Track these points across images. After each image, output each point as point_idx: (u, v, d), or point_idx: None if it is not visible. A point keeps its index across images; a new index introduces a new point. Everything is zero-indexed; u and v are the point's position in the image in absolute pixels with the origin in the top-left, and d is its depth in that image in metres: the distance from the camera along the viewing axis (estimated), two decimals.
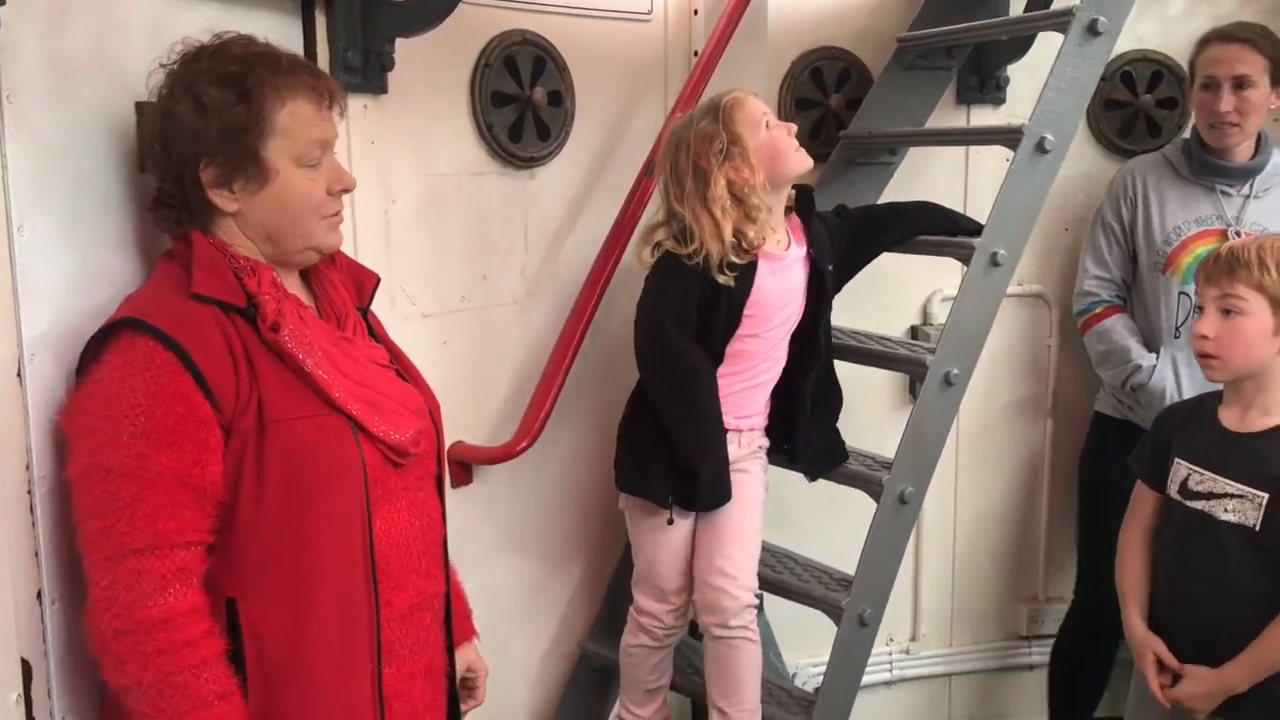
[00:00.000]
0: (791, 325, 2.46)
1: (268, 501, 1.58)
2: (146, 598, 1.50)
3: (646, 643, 2.56)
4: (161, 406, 1.51)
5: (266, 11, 2.07)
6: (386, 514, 1.69)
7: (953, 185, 3.21)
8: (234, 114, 1.59)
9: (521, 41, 2.59)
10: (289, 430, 1.59)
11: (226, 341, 1.58)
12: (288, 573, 1.60)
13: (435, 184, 2.49)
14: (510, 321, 2.70)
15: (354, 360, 1.72)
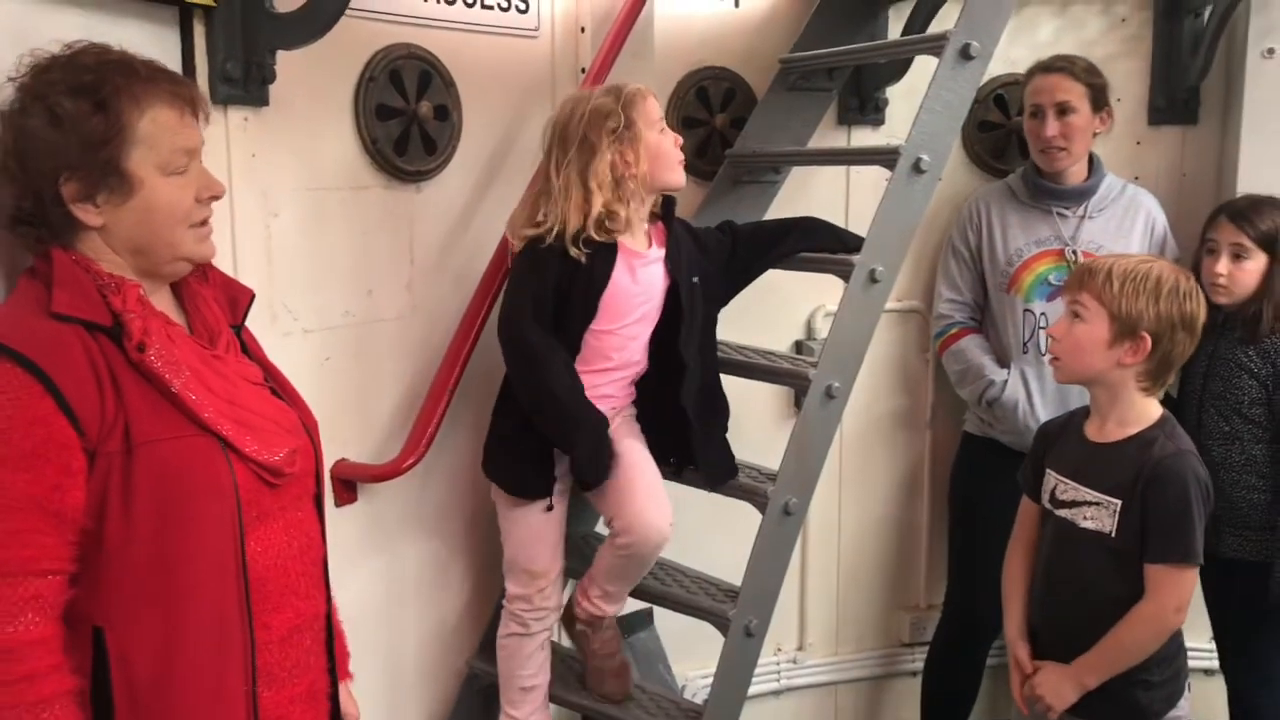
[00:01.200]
0: (648, 326, 2.49)
1: (136, 525, 1.53)
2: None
3: (516, 630, 2.57)
4: (19, 431, 1.45)
5: (140, 21, 2.02)
6: (262, 535, 1.66)
7: (834, 203, 3.28)
8: (91, 125, 1.54)
9: (407, 55, 2.57)
10: (157, 451, 1.54)
11: (91, 362, 1.52)
12: (157, 597, 1.55)
13: (318, 198, 2.45)
14: (395, 337, 2.67)
15: (225, 379, 1.68)
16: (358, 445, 2.58)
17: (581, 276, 2.37)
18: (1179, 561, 2.14)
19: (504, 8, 2.78)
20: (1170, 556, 2.14)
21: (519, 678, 2.61)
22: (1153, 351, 2.18)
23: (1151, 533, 2.15)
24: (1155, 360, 2.19)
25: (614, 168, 2.36)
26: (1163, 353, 2.19)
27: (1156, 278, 2.18)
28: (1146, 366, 2.20)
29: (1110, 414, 2.26)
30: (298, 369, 2.15)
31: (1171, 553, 2.14)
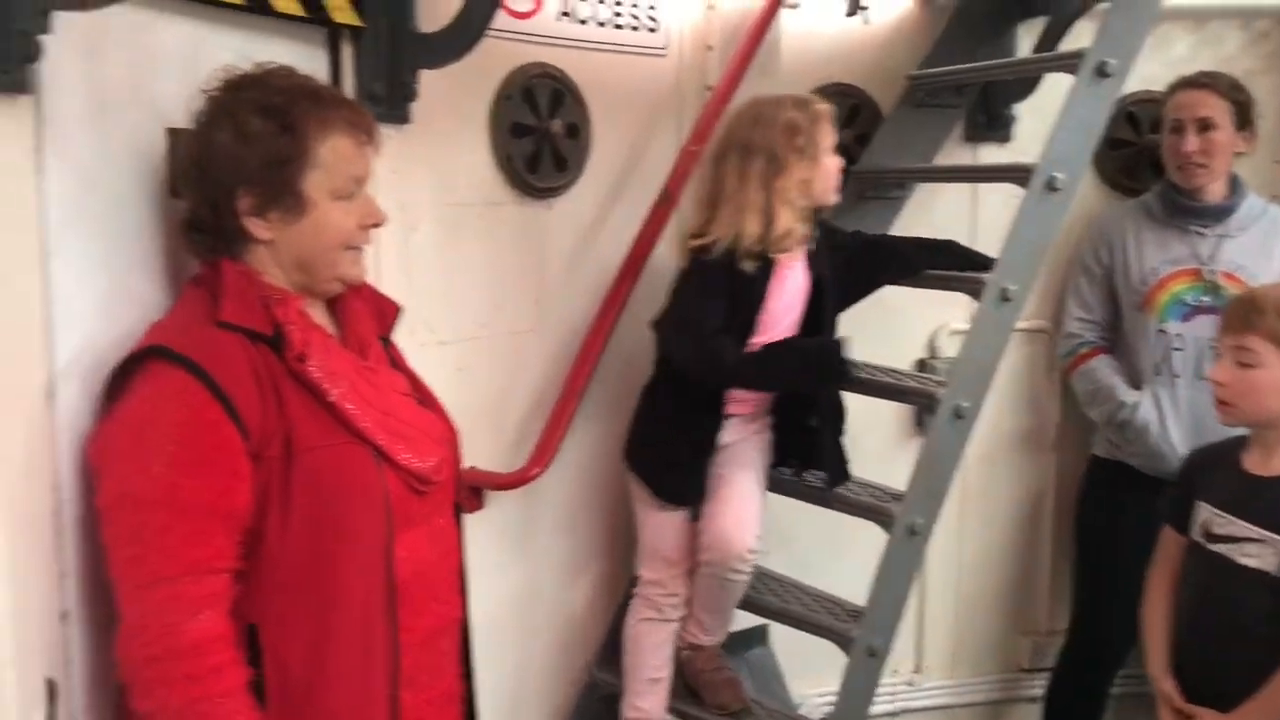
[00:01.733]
0: (791, 332, 2.51)
1: (292, 528, 1.59)
2: (179, 625, 1.51)
3: (649, 615, 2.58)
4: (191, 436, 1.52)
5: (294, 41, 2.11)
6: (407, 541, 1.71)
7: (959, 221, 3.24)
8: (276, 145, 1.61)
9: (541, 74, 2.63)
10: (314, 459, 1.61)
11: (254, 370, 1.59)
12: (309, 599, 1.62)
13: (454, 213, 2.52)
14: (525, 348, 2.73)
15: (377, 390, 1.74)
16: (487, 454, 2.64)
17: (743, 290, 2.39)
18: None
19: (634, 27, 2.82)
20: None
21: (647, 668, 2.61)
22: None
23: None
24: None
25: (800, 187, 2.37)
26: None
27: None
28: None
29: (1278, 447, 2.17)
30: (433, 379, 2.20)
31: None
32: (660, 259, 2.85)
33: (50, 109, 1.58)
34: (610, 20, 2.77)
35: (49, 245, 1.58)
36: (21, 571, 1.53)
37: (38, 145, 1.56)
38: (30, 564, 1.56)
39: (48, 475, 1.60)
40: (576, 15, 2.70)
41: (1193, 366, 2.98)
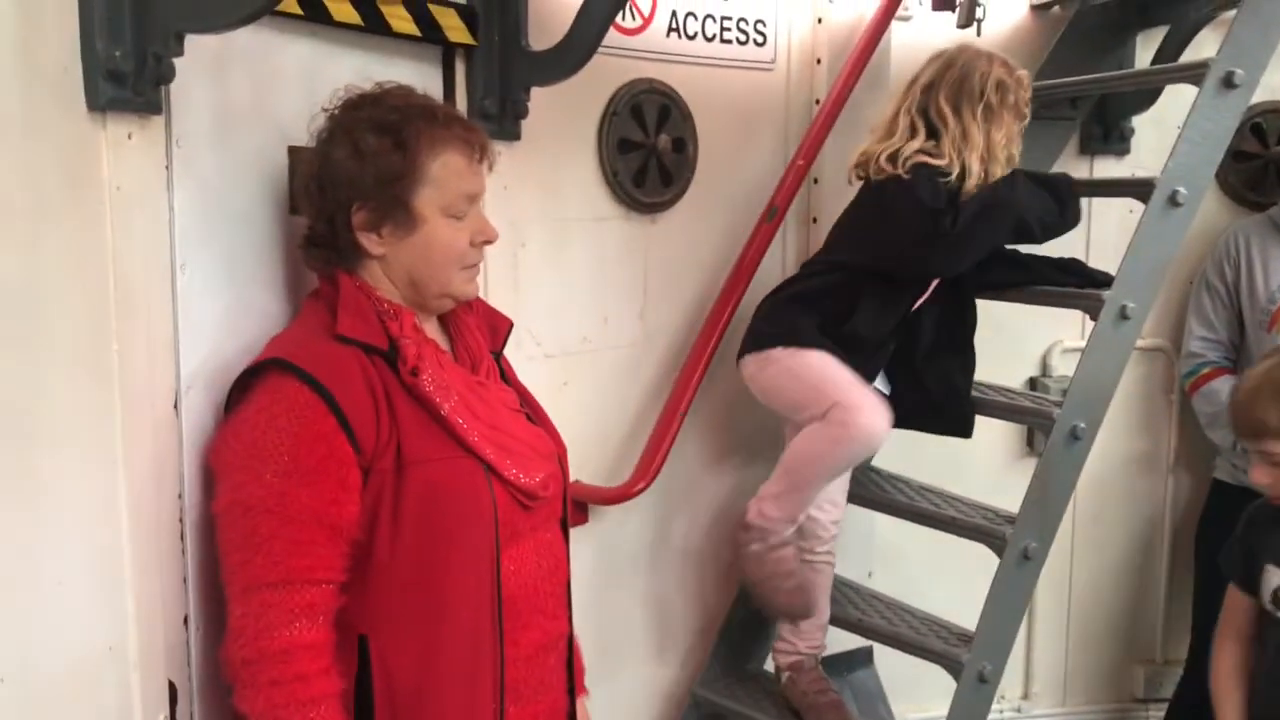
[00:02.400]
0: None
1: (402, 540, 1.61)
2: (272, 629, 1.54)
3: (854, 447, 2.48)
4: (304, 447, 1.55)
5: (409, 60, 2.15)
6: (515, 555, 1.72)
7: (1074, 234, 3.15)
8: (389, 161, 1.64)
9: (648, 90, 2.64)
10: (425, 472, 1.63)
11: (369, 383, 1.62)
12: (418, 610, 1.63)
13: (562, 228, 2.54)
14: (629, 364, 2.73)
15: (488, 404, 1.75)
16: (592, 468, 2.65)
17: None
18: None
19: (742, 41, 2.82)
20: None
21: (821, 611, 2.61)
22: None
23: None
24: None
25: (1006, 146, 2.42)
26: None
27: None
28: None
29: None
30: (538, 392, 2.21)
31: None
32: (766, 274, 2.83)
33: (180, 128, 1.64)
34: (718, 35, 2.77)
35: (177, 259, 1.64)
36: (146, 577, 1.59)
37: (168, 163, 1.61)
38: (155, 569, 1.61)
39: (173, 483, 1.65)
40: (685, 31, 2.70)
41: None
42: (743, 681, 2.88)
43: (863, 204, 2.53)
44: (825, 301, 2.48)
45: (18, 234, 1.37)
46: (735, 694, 2.82)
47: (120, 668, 1.56)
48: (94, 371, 1.49)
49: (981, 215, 2.39)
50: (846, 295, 2.47)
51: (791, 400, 2.51)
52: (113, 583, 1.54)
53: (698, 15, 2.72)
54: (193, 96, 1.66)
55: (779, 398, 2.54)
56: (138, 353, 1.55)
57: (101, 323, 1.50)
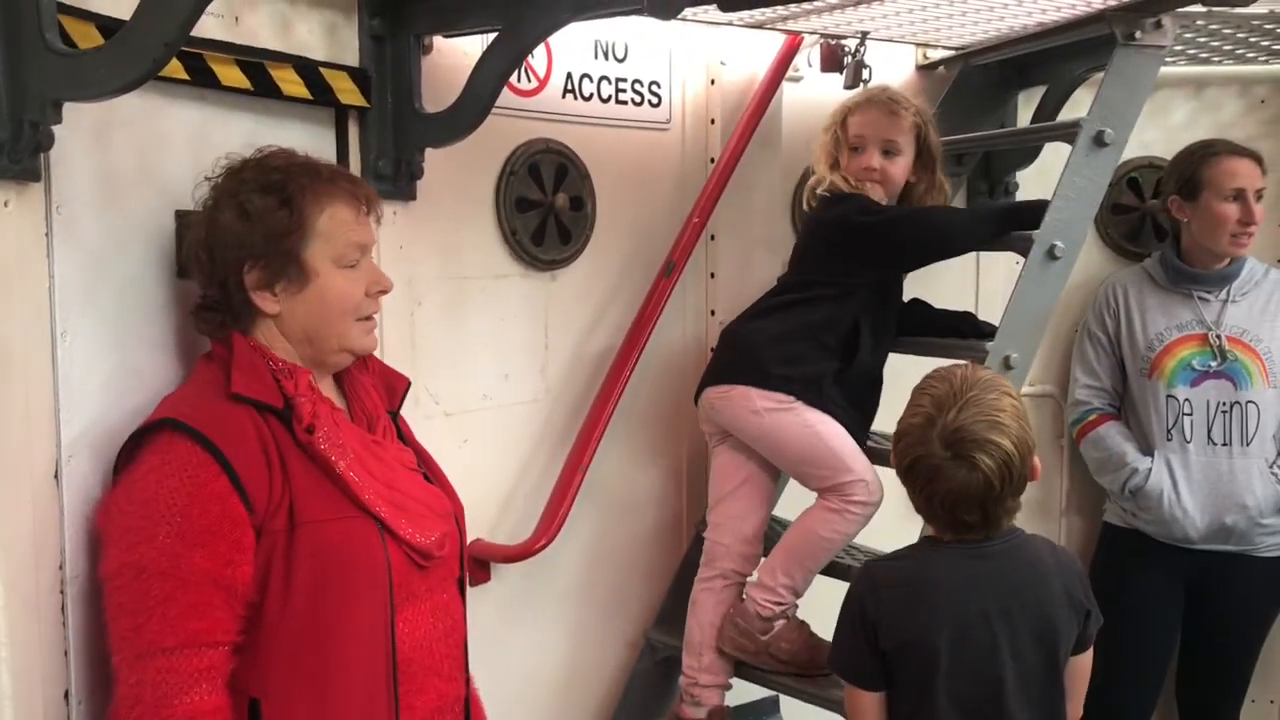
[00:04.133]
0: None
1: (294, 601, 1.60)
2: (173, 696, 1.52)
3: (863, 518, 2.50)
4: (197, 506, 1.54)
5: (301, 123, 2.15)
6: (410, 616, 1.71)
7: (963, 289, 3.26)
8: (276, 218, 1.66)
9: (545, 150, 2.67)
10: (318, 532, 1.62)
11: (261, 443, 1.61)
12: (311, 673, 1.62)
13: (460, 286, 2.55)
14: (531, 419, 2.73)
15: (383, 463, 1.75)
16: (493, 526, 2.64)
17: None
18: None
19: (637, 102, 2.87)
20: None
21: (821, 565, 2.56)
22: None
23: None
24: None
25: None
26: None
27: (916, 407, 1.96)
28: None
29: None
30: (438, 451, 2.21)
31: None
32: (666, 328, 2.87)
33: (60, 194, 1.62)
34: (614, 96, 2.82)
35: (58, 326, 1.62)
36: (24, 651, 1.55)
37: (48, 229, 1.60)
38: (34, 643, 1.57)
39: (54, 554, 1.62)
40: (581, 92, 2.75)
41: (1203, 431, 2.98)
42: None
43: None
44: (826, 336, 2.54)
45: None
46: None
47: None
48: None
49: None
50: (844, 324, 2.54)
51: (800, 455, 2.53)
52: None
53: (593, 77, 2.77)
54: (74, 162, 1.65)
55: (783, 447, 2.54)
56: (14, 422, 1.53)
57: None
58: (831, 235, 2.59)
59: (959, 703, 1.89)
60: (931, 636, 1.88)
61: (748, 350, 2.57)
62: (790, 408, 2.50)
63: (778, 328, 2.56)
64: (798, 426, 2.50)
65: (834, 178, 2.60)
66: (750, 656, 2.60)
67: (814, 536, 2.53)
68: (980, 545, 1.93)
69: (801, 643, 2.58)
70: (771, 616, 2.57)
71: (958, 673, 1.88)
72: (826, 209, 2.61)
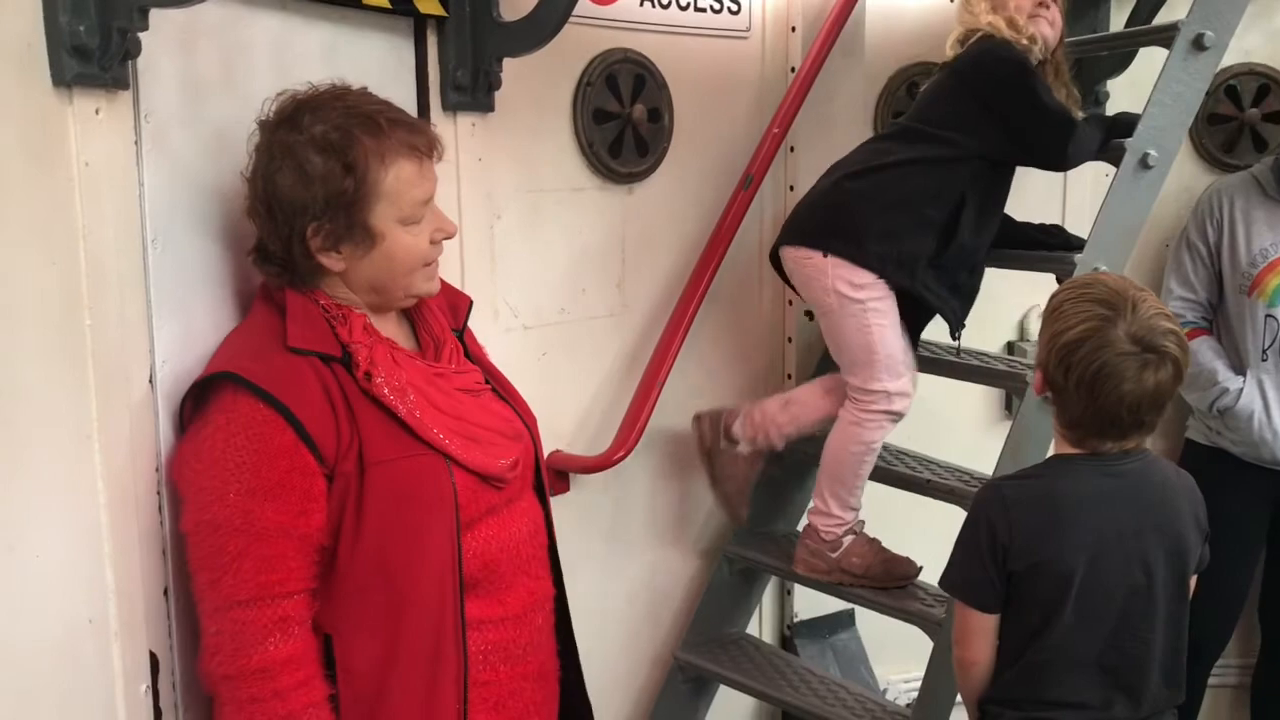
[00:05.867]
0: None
1: (364, 539, 1.62)
2: (249, 647, 1.57)
3: (888, 426, 2.52)
4: (266, 463, 1.56)
5: (380, 32, 2.14)
6: (487, 529, 1.72)
7: (1050, 200, 3.17)
8: (340, 185, 1.62)
9: (623, 60, 2.64)
10: (387, 471, 1.63)
11: (325, 390, 1.62)
12: (378, 608, 1.64)
13: (537, 199, 2.55)
14: (607, 333, 2.75)
15: (449, 395, 1.75)
16: (571, 438, 2.67)
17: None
18: None
19: (716, 10, 2.82)
20: None
21: (864, 477, 2.58)
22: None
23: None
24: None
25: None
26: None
27: (1076, 317, 1.85)
28: None
29: None
30: (517, 364, 2.25)
31: None
32: (743, 242, 2.85)
33: (148, 103, 1.64)
34: (693, 3, 2.77)
35: (148, 234, 1.64)
36: (125, 549, 1.60)
37: (137, 138, 1.62)
38: (134, 542, 1.62)
39: (150, 456, 1.66)
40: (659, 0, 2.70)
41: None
42: (725, 645, 2.91)
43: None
44: (929, 209, 2.43)
45: None
46: (718, 658, 2.85)
47: (101, 640, 1.58)
48: (67, 347, 1.50)
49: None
50: (950, 196, 2.43)
51: (844, 348, 2.51)
52: (92, 556, 1.56)
53: None
54: (160, 71, 1.66)
55: (836, 336, 2.52)
56: (109, 327, 1.56)
57: (73, 298, 1.51)
58: (980, 79, 2.44)
59: (1088, 623, 1.85)
60: (1068, 556, 1.84)
61: (844, 214, 2.47)
62: (860, 301, 2.44)
63: (878, 194, 2.45)
64: (857, 324, 2.46)
65: (995, 19, 2.44)
66: (823, 575, 2.63)
67: (843, 453, 2.54)
68: (1116, 462, 1.88)
69: (873, 557, 2.59)
70: (834, 538, 2.59)
71: (1090, 592, 1.85)
72: (983, 51, 2.44)
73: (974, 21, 2.48)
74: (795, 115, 2.84)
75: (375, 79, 1.84)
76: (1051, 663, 1.88)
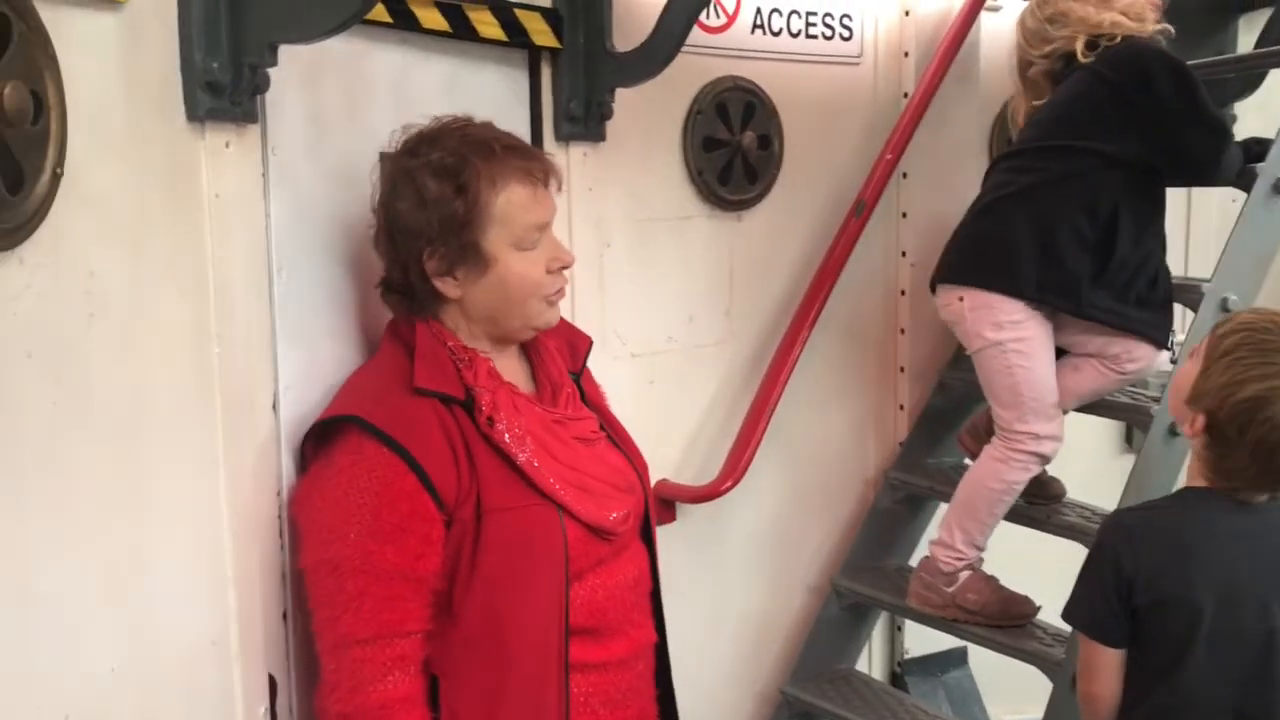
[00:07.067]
0: None
1: (476, 585, 1.63)
2: (368, 684, 1.58)
3: (1034, 468, 2.46)
4: (387, 506, 1.58)
5: (495, 65, 2.17)
6: (589, 583, 1.72)
7: (1173, 229, 3.06)
8: (452, 207, 1.64)
9: (733, 88, 2.63)
10: (503, 519, 1.64)
11: (447, 436, 1.63)
12: (485, 656, 1.65)
13: (646, 227, 2.55)
14: (715, 361, 2.73)
15: (565, 444, 1.75)
16: (678, 466, 2.66)
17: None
18: None
19: (827, 36, 2.79)
20: None
21: (998, 516, 2.51)
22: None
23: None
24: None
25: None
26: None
27: (1264, 369, 1.73)
28: None
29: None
30: (624, 391, 2.25)
31: None
32: (854, 271, 2.81)
33: (275, 136, 1.68)
34: (804, 30, 2.75)
35: (274, 263, 1.69)
36: (247, 573, 1.64)
37: (264, 170, 1.66)
38: (255, 566, 1.66)
39: (272, 481, 1.70)
40: (770, 27, 2.69)
41: None
42: (833, 681, 2.86)
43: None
44: (1082, 225, 2.31)
45: (123, 241, 1.42)
46: (826, 693, 2.80)
47: (223, 661, 1.61)
48: (196, 373, 1.55)
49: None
50: (1103, 210, 2.31)
51: (990, 388, 2.46)
52: (215, 579, 1.60)
53: (783, 11, 2.70)
54: (287, 105, 1.71)
55: (983, 375, 2.47)
56: (237, 354, 1.60)
57: (202, 326, 1.56)
58: (1133, 83, 2.28)
59: (1221, 666, 1.77)
60: (1197, 592, 1.76)
61: (988, 246, 2.40)
62: (1000, 343, 2.38)
63: (1022, 218, 2.35)
64: (1002, 366, 2.40)
65: (1113, 15, 2.32)
66: (938, 609, 2.56)
67: (982, 488, 2.48)
68: (1250, 500, 1.80)
69: (990, 594, 2.51)
70: (953, 571, 2.52)
71: (1222, 632, 1.76)
72: (1137, 53, 2.31)
73: (1094, 19, 2.34)
74: (908, 141, 2.79)
75: (491, 110, 1.87)
76: (1184, 707, 1.80)
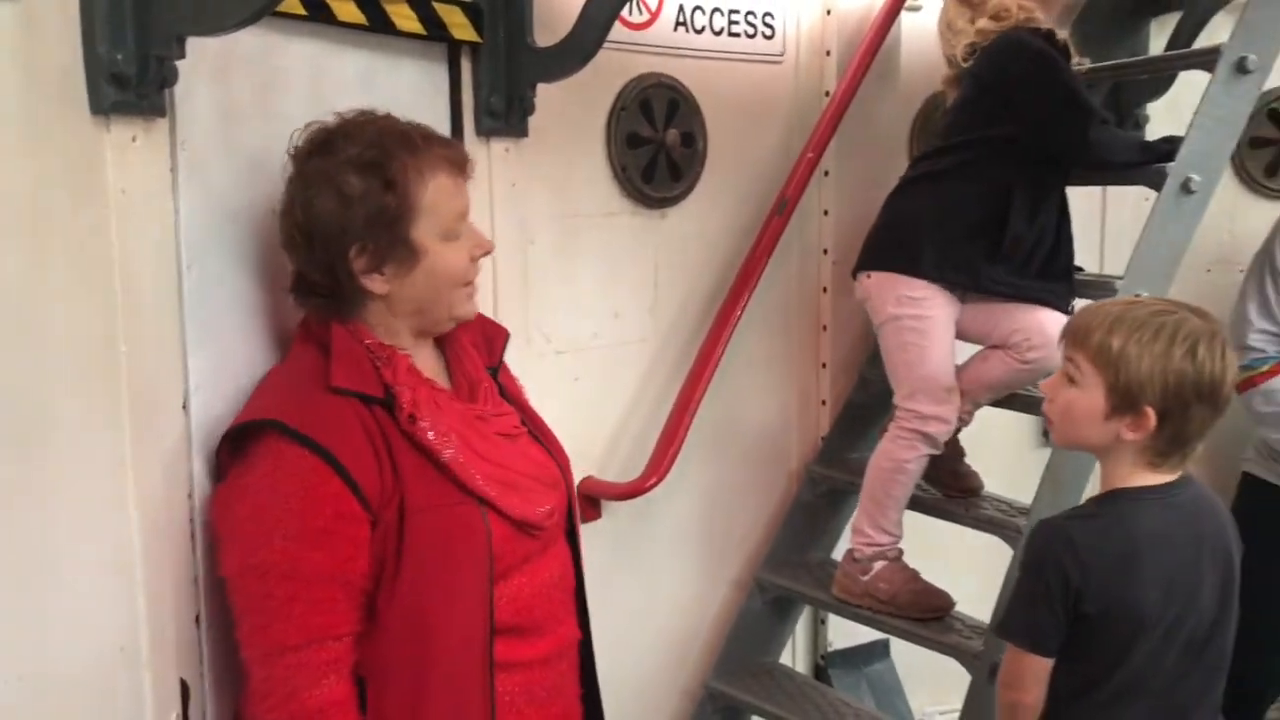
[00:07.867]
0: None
1: (400, 586, 1.60)
2: (303, 690, 1.55)
3: (927, 451, 2.50)
4: (312, 509, 1.55)
5: (414, 59, 2.14)
6: (523, 577, 1.71)
7: (1089, 226, 3.14)
8: (381, 202, 1.61)
9: (656, 85, 2.63)
10: (427, 519, 1.62)
11: (369, 436, 1.60)
12: (409, 654, 1.63)
13: (570, 224, 2.54)
14: (640, 358, 2.73)
15: (488, 440, 1.73)
16: (603, 464, 2.65)
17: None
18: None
19: (750, 34, 2.81)
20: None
21: (905, 497, 2.55)
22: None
23: None
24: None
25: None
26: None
27: (1169, 336, 1.76)
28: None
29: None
30: (549, 388, 2.25)
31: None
32: (777, 267, 2.83)
33: (184, 131, 1.64)
34: (726, 28, 2.76)
35: (184, 260, 1.65)
36: (157, 576, 1.60)
37: (173, 165, 1.62)
38: (166, 569, 1.62)
39: (183, 482, 1.66)
40: (693, 24, 2.70)
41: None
42: (757, 675, 2.88)
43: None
44: (974, 211, 2.42)
45: (23, 237, 1.38)
46: (750, 687, 2.83)
47: (132, 667, 1.57)
48: (102, 372, 1.51)
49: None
50: (994, 193, 2.41)
51: (888, 363, 2.55)
52: (124, 582, 1.56)
53: (705, 9, 2.71)
54: (197, 99, 1.67)
55: (884, 350, 2.56)
56: (146, 353, 1.56)
57: (109, 324, 1.51)
58: (994, 72, 2.42)
59: (1159, 658, 1.80)
60: (1143, 593, 1.78)
61: (894, 231, 2.53)
62: (898, 318, 2.46)
63: (924, 206, 2.49)
64: (897, 342, 2.49)
65: (981, 23, 2.44)
66: (854, 598, 2.60)
67: (875, 468, 2.55)
68: (1174, 493, 1.83)
69: (901, 584, 2.55)
70: (864, 558, 2.56)
71: (1157, 626, 1.80)
72: (998, 46, 2.43)
73: (968, 29, 2.47)
74: (830, 139, 2.82)
75: (409, 105, 1.85)
76: (1127, 694, 1.83)
